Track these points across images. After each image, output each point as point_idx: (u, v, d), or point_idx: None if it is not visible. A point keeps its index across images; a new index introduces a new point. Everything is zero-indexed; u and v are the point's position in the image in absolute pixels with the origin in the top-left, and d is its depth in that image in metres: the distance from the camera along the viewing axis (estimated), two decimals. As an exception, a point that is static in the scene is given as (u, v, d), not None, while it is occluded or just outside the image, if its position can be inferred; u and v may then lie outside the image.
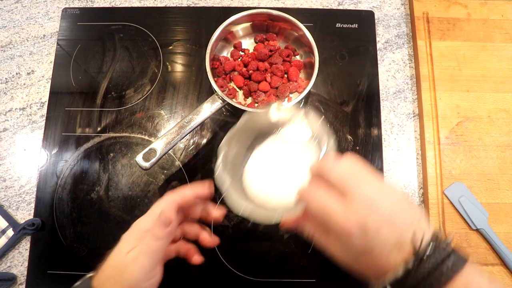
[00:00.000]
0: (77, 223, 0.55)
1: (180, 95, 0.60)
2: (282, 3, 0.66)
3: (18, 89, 0.61)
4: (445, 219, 0.54)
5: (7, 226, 0.54)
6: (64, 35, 0.63)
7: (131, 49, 0.63)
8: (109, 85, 0.61)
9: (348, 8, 0.66)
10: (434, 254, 0.27)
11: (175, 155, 0.58)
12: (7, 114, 0.60)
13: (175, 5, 0.66)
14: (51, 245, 0.54)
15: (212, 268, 0.53)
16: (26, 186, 0.57)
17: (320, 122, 0.36)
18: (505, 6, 0.64)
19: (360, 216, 0.27)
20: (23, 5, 0.66)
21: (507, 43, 0.62)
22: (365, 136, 0.59)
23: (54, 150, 0.58)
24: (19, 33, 0.64)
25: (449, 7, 0.64)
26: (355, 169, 0.30)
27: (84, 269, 0.53)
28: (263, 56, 0.57)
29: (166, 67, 0.62)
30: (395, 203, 0.28)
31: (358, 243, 0.28)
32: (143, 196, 0.56)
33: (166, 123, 0.59)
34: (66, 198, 0.56)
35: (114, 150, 0.58)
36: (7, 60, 0.62)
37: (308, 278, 0.53)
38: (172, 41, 0.63)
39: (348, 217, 0.28)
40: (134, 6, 0.66)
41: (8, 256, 0.54)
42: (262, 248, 0.54)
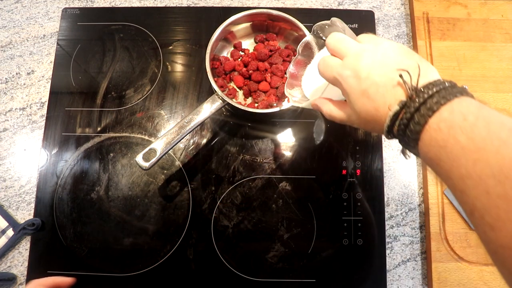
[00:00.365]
0: (77, 223, 0.55)
1: (180, 95, 0.60)
2: (282, 3, 0.66)
3: (18, 89, 0.61)
4: (445, 219, 0.54)
5: (7, 226, 0.54)
6: (64, 35, 0.63)
7: (131, 49, 0.63)
8: (109, 85, 0.61)
9: (348, 8, 0.66)
10: (428, 90, 0.28)
11: (175, 155, 0.58)
12: (7, 114, 0.60)
13: (175, 5, 0.66)
14: (51, 245, 0.54)
15: (212, 268, 0.53)
16: (26, 186, 0.57)
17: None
18: (505, 6, 0.64)
19: (352, 65, 0.32)
20: (23, 5, 0.66)
21: (507, 43, 0.62)
22: (365, 136, 0.58)
23: (54, 150, 0.58)
24: (19, 33, 0.64)
25: (449, 7, 0.64)
26: (343, 37, 0.35)
27: (84, 269, 0.53)
28: (263, 56, 0.57)
29: (166, 67, 0.62)
30: (385, 51, 0.32)
31: (354, 85, 0.32)
32: (143, 196, 0.56)
33: (166, 123, 0.59)
34: (66, 198, 0.56)
35: (114, 150, 0.58)
36: (7, 60, 0.62)
37: (308, 278, 0.53)
38: (172, 41, 0.63)
39: (343, 66, 0.33)
40: (134, 6, 0.66)
41: (8, 256, 0.54)
42: (262, 248, 0.54)
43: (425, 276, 0.54)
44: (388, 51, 0.32)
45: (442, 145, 0.26)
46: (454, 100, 0.27)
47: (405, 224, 0.56)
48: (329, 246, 0.54)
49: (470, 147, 0.24)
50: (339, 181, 0.56)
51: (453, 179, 0.26)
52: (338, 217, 0.55)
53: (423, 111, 0.27)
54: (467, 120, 0.25)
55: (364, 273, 0.53)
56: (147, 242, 0.54)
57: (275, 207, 0.55)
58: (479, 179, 0.23)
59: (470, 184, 0.24)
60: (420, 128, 0.27)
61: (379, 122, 0.31)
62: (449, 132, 0.26)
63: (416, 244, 0.55)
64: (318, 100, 0.40)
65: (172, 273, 0.53)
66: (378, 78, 0.31)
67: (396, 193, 0.57)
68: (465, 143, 0.25)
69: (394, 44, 0.32)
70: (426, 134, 0.27)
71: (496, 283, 0.51)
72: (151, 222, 0.55)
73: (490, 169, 0.23)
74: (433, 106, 0.27)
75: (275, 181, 0.56)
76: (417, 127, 0.28)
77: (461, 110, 0.26)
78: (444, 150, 0.26)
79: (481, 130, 0.24)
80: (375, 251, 0.54)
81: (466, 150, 0.24)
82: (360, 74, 0.31)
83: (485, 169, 0.23)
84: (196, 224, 0.55)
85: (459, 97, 0.27)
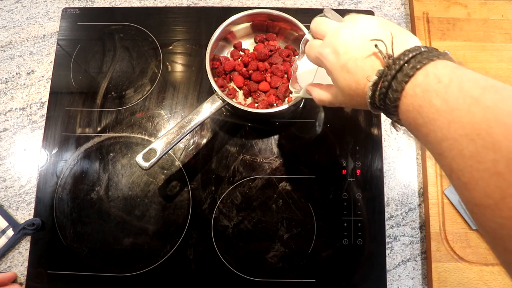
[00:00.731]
0: (77, 223, 0.55)
1: (180, 95, 0.60)
2: (282, 3, 0.66)
3: (18, 89, 0.61)
4: (445, 219, 0.54)
5: (7, 226, 0.54)
6: (64, 35, 0.63)
7: (131, 49, 0.63)
8: (109, 85, 0.61)
9: (348, 8, 0.66)
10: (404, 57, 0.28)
11: (175, 155, 0.58)
12: (7, 114, 0.60)
13: (175, 5, 0.66)
14: (51, 245, 0.54)
15: (212, 268, 0.53)
16: (26, 186, 0.57)
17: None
18: (505, 6, 0.64)
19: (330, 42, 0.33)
20: (23, 5, 0.66)
21: (507, 43, 0.62)
22: (365, 136, 0.59)
23: (54, 150, 0.58)
24: (19, 33, 0.64)
25: (449, 7, 0.64)
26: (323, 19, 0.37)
27: (84, 269, 0.53)
28: (263, 56, 0.57)
29: (166, 67, 0.62)
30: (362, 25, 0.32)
31: (334, 61, 0.33)
32: (143, 196, 0.56)
33: (166, 123, 0.59)
34: (66, 198, 0.56)
35: (114, 150, 0.58)
36: (7, 60, 0.62)
37: (308, 278, 0.53)
38: (172, 41, 0.63)
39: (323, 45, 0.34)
40: (134, 6, 0.66)
41: (8, 256, 0.54)
42: (262, 248, 0.54)
43: (425, 276, 0.54)
44: (364, 25, 0.32)
45: (419, 110, 0.26)
46: (430, 63, 0.27)
47: (405, 224, 0.56)
48: (329, 246, 0.54)
49: (444, 109, 0.24)
50: (339, 181, 0.56)
51: (431, 143, 0.26)
52: (338, 217, 0.55)
53: (400, 77, 0.27)
54: (442, 82, 0.25)
55: (364, 273, 0.53)
56: (147, 242, 0.54)
57: (275, 207, 0.55)
58: (454, 141, 0.24)
59: (446, 146, 0.24)
60: (397, 95, 0.28)
61: (362, 95, 0.31)
62: (424, 96, 0.26)
63: (416, 244, 0.55)
64: (309, 86, 0.41)
65: (172, 273, 0.53)
66: (355, 52, 0.31)
67: (396, 193, 0.57)
68: (439, 106, 0.25)
69: (371, 18, 0.32)
70: (403, 100, 0.28)
71: (496, 283, 0.51)
72: (151, 222, 0.55)
73: (463, 129, 0.23)
74: (409, 71, 0.27)
75: (275, 181, 0.56)
76: (395, 94, 0.28)
77: (435, 73, 0.26)
78: (421, 115, 0.26)
79: (454, 90, 0.24)
80: (375, 251, 0.54)
81: (441, 113, 0.24)
82: (339, 50, 0.32)
83: (459, 130, 0.23)
84: (196, 224, 0.55)
85: (434, 61, 0.27)
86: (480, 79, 0.24)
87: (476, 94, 0.23)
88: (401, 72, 0.27)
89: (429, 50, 0.28)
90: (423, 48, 0.28)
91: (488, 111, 0.22)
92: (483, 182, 0.22)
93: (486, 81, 0.24)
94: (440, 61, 0.27)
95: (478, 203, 0.23)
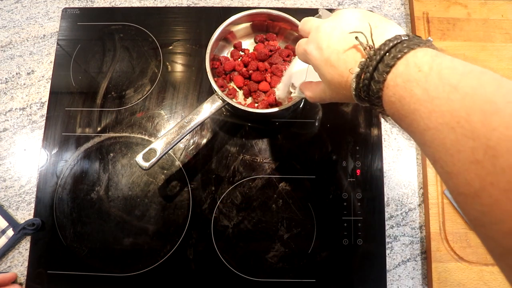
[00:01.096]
0: (77, 223, 0.55)
1: (180, 95, 0.60)
2: (282, 3, 0.66)
3: (18, 89, 0.61)
4: (445, 219, 0.54)
5: (7, 226, 0.54)
6: (64, 35, 0.63)
7: (131, 49, 0.63)
8: (109, 85, 0.61)
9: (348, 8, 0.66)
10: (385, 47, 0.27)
11: (175, 155, 0.58)
12: (7, 114, 0.60)
13: (175, 5, 0.66)
14: (51, 245, 0.54)
15: (212, 268, 0.53)
16: (26, 186, 0.57)
17: None
18: (505, 6, 0.64)
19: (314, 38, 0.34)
20: (23, 5, 0.66)
21: (507, 43, 0.62)
22: (365, 136, 0.59)
23: (54, 150, 0.58)
24: (19, 33, 0.64)
25: (449, 7, 0.64)
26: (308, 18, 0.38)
27: (84, 269, 0.53)
28: (263, 56, 0.57)
29: (166, 67, 0.62)
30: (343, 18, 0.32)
31: (318, 56, 0.33)
32: (143, 196, 0.56)
33: (166, 123, 0.59)
34: (66, 198, 0.56)
35: (114, 150, 0.58)
36: (7, 60, 0.62)
37: (308, 278, 0.53)
38: (172, 41, 0.63)
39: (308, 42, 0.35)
40: (134, 6, 0.66)
41: (8, 256, 0.54)
42: (262, 248, 0.54)
43: (425, 276, 0.54)
44: (345, 18, 0.32)
45: (401, 100, 0.26)
46: (410, 52, 0.26)
47: (405, 224, 0.56)
48: (329, 246, 0.54)
49: (425, 98, 0.24)
50: (339, 181, 0.56)
51: (415, 133, 0.26)
52: (338, 217, 0.55)
53: (381, 68, 0.27)
54: (422, 71, 0.25)
55: (364, 273, 0.53)
56: (147, 242, 0.54)
57: (275, 207, 0.55)
58: (435, 130, 0.23)
59: (429, 136, 0.24)
60: (380, 86, 0.27)
61: (347, 88, 0.31)
62: (405, 86, 0.26)
63: (416, 244, 0.55)
64: (302, 85, 0.42)
65: (172, 273, 0.53)
66: (337, 45, 0.31)
67: (396, 193, 0.57)
68: (420, 95, 0.24)
69: (353, 11, 0.32)
70: (386, 91, 0.27)
71: (496, 283, 0.51)
72: (151, 222, 0.55)
73: (443, 118, 0.23)
74: (389, 61, 0.26)
75: (275, 181, 0.56)
76: (377, 85, 0.27)
77: (415, 62, 0.26)
78: (403, 105, 0.26)
79: (434, 79, 0.24)
80: (375, 251, 0.54)
81: (422, 102, 0.24)
82: (321, 45, 0.32)
83: (439, 119, 0.23)
84: (196, 224, 0.55)
85: (415, 49, 0.26)
86: (459, 65, 0.24)
87: (455, 82, 0.23)
88: (382, 63, 0.27)
89: (410, 38, 0.27)
90: (404, 37, 0.27)
91: (466, 98, 0.22)
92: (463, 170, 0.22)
93: (465, 67, 0.24)
94: (421, 49, 0.26)
95: (460, 191, 0.23)
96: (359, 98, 0.30)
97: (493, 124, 0.20)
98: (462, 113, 0.22)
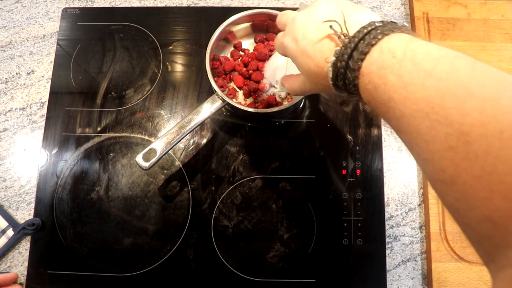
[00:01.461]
0: (77, 223, 0.55)
1: (180, 95, 0.60)
2: (282, 3, 0.66)
3: (18, 89, 0.61)
4: (445, 219, 0.54)
5: (7, 226, 0.54)
6: (64, 35, 0.63)
7: (131, 49, 0.63)
8: (109, 85, 0.61)
9: (348, 8, 0.66)
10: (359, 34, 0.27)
11: (175, 155, 0.58)
12: (7, 114, 0.60)
13: (175, 5, 0.66)
14: (51, 245, 0.54)
15: (212, 268, 0.53)
16: (26, 186, 0.57)
17: None
18: (505, 6, 0.64)
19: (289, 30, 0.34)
20: (23, 5, 0.66)
21: (507, 43, 0.62)
22: (365, 136, 0.59)
23: (54, 150, 0.58)
24: (19, 33, 0.64)
25: (449, 7, 0.64)
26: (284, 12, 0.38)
27: (84, 269, 0.53)
28: (263, 56, 0.57)
29: (166, 67, 0.62)
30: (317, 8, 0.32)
31: (294, 48, 0.33)
32: (143, 196, 0.56)
33: (166, 123, 0.59)
34: (66, 198, 0.56)
35: (114, 150, 0.58)
36: (7, 60, 0.62)
37: (308, 278, 0.53)
38: (172, 41, 0.63)
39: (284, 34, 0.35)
40: (134, 6, 0.66)
41: (8, 256, 0.54)
42: (262, 248, 0.54)
43: (425, 276, 0.54)
44: (319, 8, 0.32)
45: (377, 88, 0.26)
46: (384, 38, 0.26)
47: (405, 224, 0.56)
48: (329, 246, 0.54)
49: (399, 85, 0.24)
50: (339, 181, 0.56)
51: (391, 120, 0.26)
52: (338, 217, 0.55)
53: (356, 56, 0.26)
54: (396, 57, 0.24)
55: (364, 273, 0.53)
56: (147, 242, 0.54)
57: (275, 207, 0.55)
58: (410, 117, 0.23)
59: (405, 123, 0.24)
60: (355, 74, 0.27)
61: (325, 78, 0.31)
62: (380, 73, 0.25)
63: (416, 244, 0.55)
64: (282, 78, 0.42)
65: (172, 273, 0.53)
66: (312, 35, 0.31)
67: (396, 193, 0.57)
68: (395, 82, 0.24)
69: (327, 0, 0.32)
70: (361, 79, 0.27)
71: (496, 283, 0.51)
72: (151, 222, 0.55)
73: (418, 104, 0.22)
74: (364, 49, 0.26)
75: (275, 181, 0.56)
76: (353, 73, 0.27)
77: (389, 48, 0.25)
78: (378, 93, 0.26)
79: (408, 65, 0.23)
80: (375, 251, 0.54)
81: (397, 89, 0.24)
82: (297, 36, 0.32)
83: (414, 105, 0.23)
84: (196, 224, 0.55)
85: (389, 35, 0.26)
86: (434, 50, 0.23)
87: (429, 67, 0.22)
88: (356, 50, 0.26)
89: (384, 24, 0.27)
90: (378, 23, 0.27)
91: (440, 84, 0.22)
92: (438, 157, 0.21)
93: (439, 52, 0.23)
94: (395, 35, 0.26)
95: (436, 178, 0.22)
96: (337, 87, 0.30)
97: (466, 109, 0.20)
98: (436, 99, 0.21)
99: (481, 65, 0.22)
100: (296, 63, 0.34)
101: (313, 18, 0.31)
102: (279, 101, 0.56)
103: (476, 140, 0.19)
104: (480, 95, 0.20)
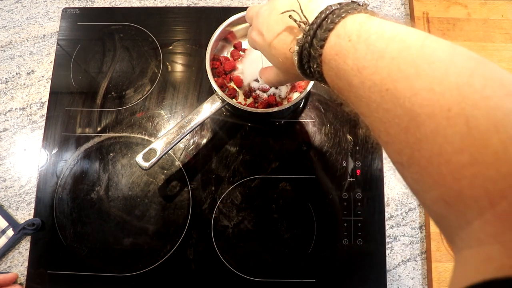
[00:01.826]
0: (77, 223, 0.55)
1: (180, 95, 0.60)
2: (282, 3, 0.66)
3: (18, 89, 0.61)
4: (445, 219, 0.54)
5: (7, 226, 0.54)
6: (64, 35, 0.63)
7: (131, 49, 0.63)
8: (109, 85, 0.61)
9: (348, 8, 0.66)
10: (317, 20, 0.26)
11: (175, 155, 0.58)
12: (7, 114, 0.60)
13: (175, 5, 0.66)
14: (51, 245, 0.54)
15: (212, 268, 0.53)
16: (26, 186, 0.57)
17: None
18: (505, 6, 0.64)
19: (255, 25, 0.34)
20: (23, 5, 0.66)
21: (507, 43, 0.62)
22: (365, 136, 0.58)
23: (54, 150, 0.58)
24: (19, 33, 0.64)
25: (449, 7, 0.64)
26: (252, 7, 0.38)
27: (84, 269, 0.53)
28: (263, 56, 0.57)
29: (166, 67, 0.62)
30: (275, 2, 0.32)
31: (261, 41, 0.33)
32: (143, 196, 0.56)
33: (166, 123, 0.59)
34: (66, 198, 0.56)
35: (114, 150, 0.58)
36: (7, 60, 0.62)
37: (308, 278, 0.53)
38: (172, 41, 0.63)
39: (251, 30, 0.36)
40: (134, 6, 0.66)
41: (8, 256, 0.54)
42: (262, 248, 0.54)
43: (425, 276, 0.54)
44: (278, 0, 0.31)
45: (337, 73, 0.25)
46: (341, 22, 0.25)
47: (405, 224, 0.56)
48: (329, 246, 0.54)
49: (356, 69, 0.23)
50: (339, 181, 0.56)
51: (354, 104, 0.25)
52: (338, 217, 0.55)
53: (315, 43, 0.26)
54: (351, 40, 0.24)
55: (364, 273, 0.53)
56: (147, 242, 0.54)
57: (275, 207, 0.55)
58: (368, 99, 0.23)
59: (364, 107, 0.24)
60: (317, 61, 0.27)
61: (294, 67, 0.30)
62: (338, 58, 0.25)
63: (416, 244, 0.55)
64: (260, 71, 0.42)
65: (172, 273, 0.53)
66: (275, 27, 0.31)
67: (396, 193, 0.57)
68: (352, 66, 0.24)
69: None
70: (324, 66, 0.27)
71: (496, 283, 0.51)
72: (151, 222, 0.55)
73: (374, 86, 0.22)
74: (322, 35, 0.26)
75: (275, 181, 0.56)
76: (315, 61, 0.27)
77: (345, 32, 0.25)
78: (339, 78, 0.25)
79: (362, 47, 0.23)
80: (375, 251, 0.54)
81: (355, 72, 0.23)
82: (262, 30, 0.33)
83: (371, 88, 0.22)
84: (196, 224, 0.55)
85: (346, 17, 0.25)
86: (386, 29, 0.23)
87: (382, 47, 0.22)
88: (316, 38, 0.26)
89: (341, 6, 0.26)
90: (334, 6, 0.26)
91: (393, 63, 0.21)
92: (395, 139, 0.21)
93: (392, 30, 0.23)
94: (351, 17, 0.25)
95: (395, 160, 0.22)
96: (306, 76, 0.30)
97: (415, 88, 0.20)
98: (389, 80, 0.21)
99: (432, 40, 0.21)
100: (266, 56, 0.35)
101: (274, 10, 0.31)
102: (279, 101, 0.56)
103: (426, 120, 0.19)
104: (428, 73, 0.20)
